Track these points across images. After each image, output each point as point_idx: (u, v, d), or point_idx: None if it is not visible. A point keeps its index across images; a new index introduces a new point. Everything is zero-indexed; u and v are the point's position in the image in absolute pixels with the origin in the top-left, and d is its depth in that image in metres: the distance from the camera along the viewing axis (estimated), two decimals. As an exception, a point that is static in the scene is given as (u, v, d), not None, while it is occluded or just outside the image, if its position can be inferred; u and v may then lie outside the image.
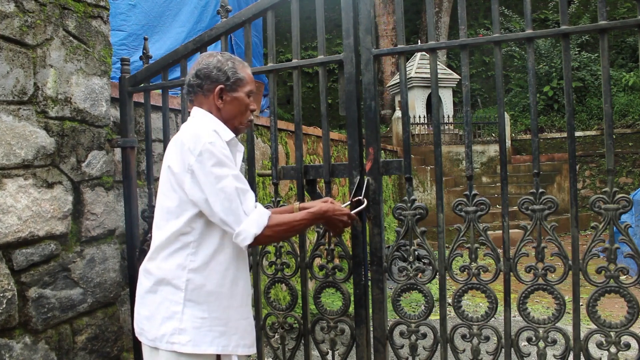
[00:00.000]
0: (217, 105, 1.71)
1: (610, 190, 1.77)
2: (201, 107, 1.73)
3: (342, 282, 2.14)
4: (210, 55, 1.73)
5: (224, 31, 2.25)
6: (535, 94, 1.90)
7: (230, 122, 1.73)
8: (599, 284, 1.77)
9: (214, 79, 1.69)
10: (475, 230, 1.93)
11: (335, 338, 2.16)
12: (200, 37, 2.31)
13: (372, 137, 2.04)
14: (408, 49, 2.05)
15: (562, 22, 1.83)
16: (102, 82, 2.42)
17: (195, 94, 1.73)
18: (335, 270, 2.14)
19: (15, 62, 1.98)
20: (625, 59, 13.58)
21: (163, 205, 1.67)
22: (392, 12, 13.97)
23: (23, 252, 2.00)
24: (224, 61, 1.70)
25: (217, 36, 2.27)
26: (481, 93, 15.59)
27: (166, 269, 1.64)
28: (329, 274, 2.15)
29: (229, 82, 1.70)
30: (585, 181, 11.30)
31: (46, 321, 2.08)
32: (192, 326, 1.61)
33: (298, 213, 1.73)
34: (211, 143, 1.57)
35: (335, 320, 2.15)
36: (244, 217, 1.57)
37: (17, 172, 1.99)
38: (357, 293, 2.07)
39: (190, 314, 1.61)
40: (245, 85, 1.72)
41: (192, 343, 1.60)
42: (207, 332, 1.62)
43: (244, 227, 1.57)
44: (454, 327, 1.99)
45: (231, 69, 1.70)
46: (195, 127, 1.64)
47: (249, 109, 1.75)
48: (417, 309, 4.73)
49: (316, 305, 2.17)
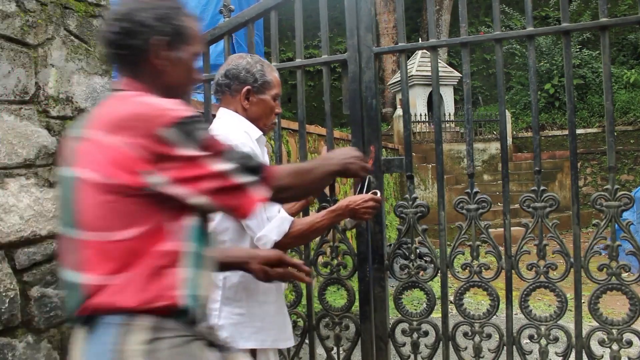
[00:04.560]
0: (243, 106, 1.73)
1: (612, 187, 1.77)
2: (227, 107, 1.76)
3: (347, 279, 2.15)
4: (240, 57, 1.77)
5: (227, 30, 2.26)
6: (536, 92, 1.90)
7: (254, 123, 1.76)
8: (600, 281, 1.77)
9: (242, 80, 1.72)
10: (476, 227, 1.93)
11: (340, 334, 2.16)
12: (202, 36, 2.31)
13: (373, 135, 2.04)
14: (409, 47, 2.05)
15: (563, 20, 1.83)
16: (103, 81, 2.42)
17: (223, 93, 1.76)
18: (339, 267, 2.16)
19: (16, 62, 1.99)
20: (627, 56, 13.54)
21: None
22: (392, 10, 13.96)
23: (25, 251, 2.00)
24: (253, 63, 1.74)
25: (220, 35, 2.27)
26: (482, 91, 15.57)
27: None
28: (333, 271, 2.16)
29: (256, 84, 1.73)
30: (586, 179, 11.28)
31: (49, 320, 2.08)
32: (229, 322, 1.63)
33: (318, 214, 1.75)
34: (242, 144, 1.59)
35: (340, 317, 2.16)
36: (266, 222, 1.59)
37: (19, 172, 2.00)
38: (362, 289, 2.07)
39: (228, 311, 1.64)
40: (272, 88, 1.76)
41: (229, 339, 1.62)
42: (244, 328, 1.64)
43: (264, 233, 1.59)
44: (456, 324, 1.99)
45: (259, 71, 1.73)
46: (224, 128, 1.67)
47: (273, 111, 1.79)
48: (418, 306, 4.73)
49: (321, 302, 2.18)
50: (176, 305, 1.10)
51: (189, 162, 1.08)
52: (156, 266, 1.08)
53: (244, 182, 1.14)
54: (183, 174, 1.08)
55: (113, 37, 1.16)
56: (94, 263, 1.08)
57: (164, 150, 1.06)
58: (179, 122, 1.07)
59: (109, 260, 1.07)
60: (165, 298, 1.08)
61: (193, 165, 1.08)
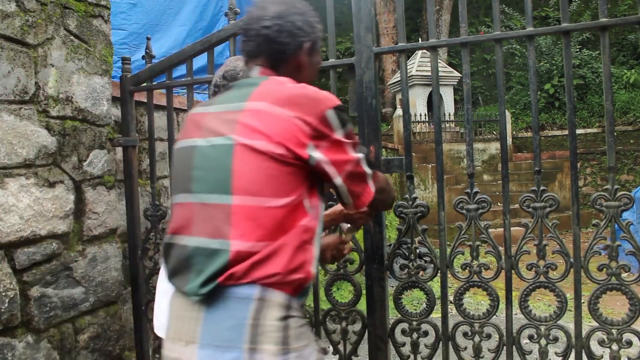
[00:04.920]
0: None
1: (612, 187, 1.77)
2: None
3: (353, 275, 2.15)
4: (238, 59, 1.79)
5: (232, 33, 2.26)
6: (536, 92, 1.90)
7: None
8: (600, 281, 1.77)
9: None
10: (476, 227, 1.93)
11: (347, 327, 2.17)
12: (208, 38, 2.33)
13: (373, 135, 2.04)
14: (409, 47, 2.05)
15: (563, 20, 1.83)
16: (103, 81, 2.42)
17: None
18: (346, 263, 2.17)
19: (16, 62, 1.98)
20: (627, 56, 13.54)
21: None
22: (392, 10, 13.95)
23: (25, 251, 2.00)
24: None
25: (226, 37, 2.28)
26: (482, 91, 15.57)
27: None
28: (340, 267, 2.17)
29: None
30: (586, 179, 11.28)
31: (48, 320, 2.08)
32: None
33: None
34: None
35: (347, 311, 2.17)
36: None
37: (19, 172, 2.00)
38: (369, 284, 2.08)
39: None
40: None
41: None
42: None
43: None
44: (456, 324, 1.99)
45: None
46: None
47: None
48: (418, 306, 4.74)
49: (328, 298, 2.19)
50: (309, 281, 1.16)
51: (339, 145, 1.20)
52: (302, 240, 1.14)
53: (368, 172, 1.27)
54: (334, 154, 1.18)
55: (271, 32, 1.28)
56: (244, 229, 1.12)
57: (325, 130, 1.17)
58: (337, 108, 1.20)
59: (259, 227, 1.11)
60: (304, 272, 1.14)
61: (341, 149, 1.20)
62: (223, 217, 1.13)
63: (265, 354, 1.06)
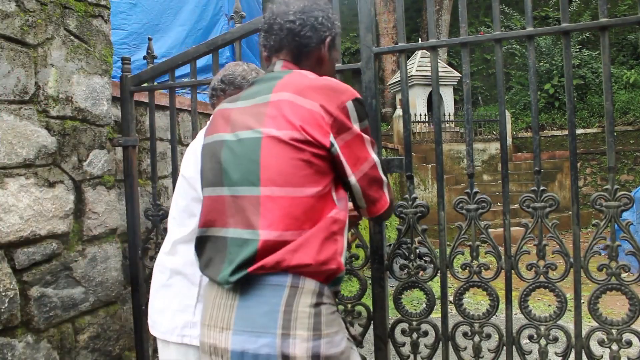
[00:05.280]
0: None
1: (612, 187, 1.77)
2: None
3: (359, 270, 2.15)
4: (237, 65, 1.82)
5: (238, 36, 2.26)
6: (536, 92, 1.90)
7: None
8: (600, 281, 1.77)
9: (237, 85, 1.77)
10: (476, 228, 1.93)
11: (352, 320, 2.17)
12: (214, 40, 2.33)
13: (373, 135, 2.04)
14: (409, 47, 2.05)
15: (563, 20, 1.83)
16: (103, 81, 2.42)
17: (218, 97, 1.81)
18: (352, 258, 2.17)
19: (16, 62, 1.98)
20: (626, 56, 13.55)
21: (180, 203, 1.69)
22: (392, 10, 13.96)
23: (25, 251, 2.00)
24: (249, 71, 1.79)
25: (231, 40, 2.28)
26: (482, 91, 15.58)
27: (182, 263, 1.66)
28: (346, 262, 2.17)
29: None
30: (586, 179, 11.29)
31: (48, 320, 2.08)
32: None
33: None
34: None
35: (353, 305, 2.16)
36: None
37: (19, 172, 2.00)
38: (374, 278, 2.08)
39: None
40: None
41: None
42: None
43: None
44: (456, 324, 2.00)
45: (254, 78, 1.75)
46: None
47: None
48: (418, 306, 4.73)
49: None
50: (340, 272, 1.18)
51: (357, 139, 1.22)
52: (331, 231, 1.16)
53: (384, 179, 1.29)
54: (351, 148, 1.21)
55: (295, 27, 1.32)
56: (271, 219, 1.14)
57: (344, 120, 1.20)
58: (357, 101, 1.23)
59: (287, 216, 1.14)
60: (335, 263, 1.16)
61: (359, 144, 1.23)
62: (252, 208, 1.16)
63: (297, 339, 1.09)
